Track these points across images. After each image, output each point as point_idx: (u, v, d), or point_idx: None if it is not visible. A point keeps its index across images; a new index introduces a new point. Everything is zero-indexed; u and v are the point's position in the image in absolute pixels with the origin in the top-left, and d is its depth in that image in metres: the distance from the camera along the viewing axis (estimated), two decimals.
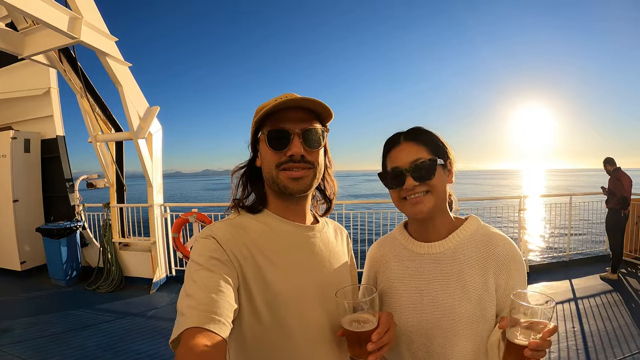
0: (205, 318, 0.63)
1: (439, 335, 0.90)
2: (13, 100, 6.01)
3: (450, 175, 0.97)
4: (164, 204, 5.26)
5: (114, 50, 4.00)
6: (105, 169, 5.28)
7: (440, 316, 0.90)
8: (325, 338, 0.86)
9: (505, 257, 0.91)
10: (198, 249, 0.79)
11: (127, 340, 3.45)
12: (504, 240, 0.94)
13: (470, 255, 0.93)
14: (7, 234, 5.60)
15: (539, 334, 0.67)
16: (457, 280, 0.91)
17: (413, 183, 0.91)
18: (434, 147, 0.94)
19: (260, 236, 0.85)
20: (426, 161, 0.91)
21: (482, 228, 0.98)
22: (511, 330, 0.72)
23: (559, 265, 5.58)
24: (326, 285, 0.88)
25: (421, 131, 0.97)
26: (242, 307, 0.78)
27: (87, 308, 4.33)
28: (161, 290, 4.94)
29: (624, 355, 2.96)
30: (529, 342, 0.67)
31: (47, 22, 2.99)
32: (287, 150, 0.84)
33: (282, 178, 0.85)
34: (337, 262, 0.96)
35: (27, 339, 3.48)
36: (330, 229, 1.02)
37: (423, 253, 0.98)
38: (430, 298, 0.92)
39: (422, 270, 0.96)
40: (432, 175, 0.90)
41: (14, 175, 5.61)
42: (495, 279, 0.90)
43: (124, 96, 4.29)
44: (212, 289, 0.69)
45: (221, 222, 0.88)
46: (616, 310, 3.85)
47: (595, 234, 6.44)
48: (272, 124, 0.85)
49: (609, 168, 5.12)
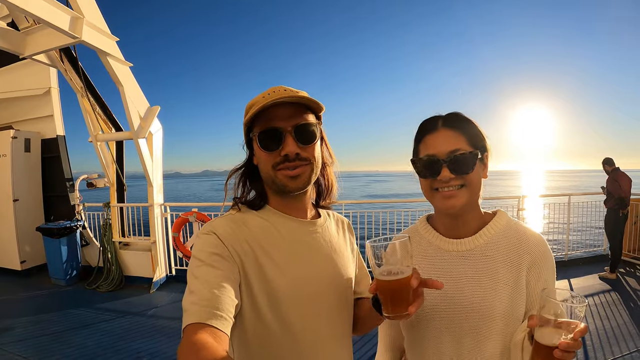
0: (207, 313, 0.63)
1: (468, 335, 0.85)
2: (13, 100, 6.01)
3: (485, 170, 0.91)
4: (164, 204, 5.27)
5: (114, 50, 4.01)
6: (106, 168, 5.29)
7: (471, 315, 0.85)
8: (326, 333, 0.86)
9: (537, 254, 0.87)
10: (199, 245, 0.78)
11: (127, 339, 3.46)
12: (536, 237, 0.89)
13: (502, 251, 0.88)
14: (7, 233, 5.60)
15: (570, 334, 0.63)
16: (489, 277, 0.86)
17: (449, 175, 0.83)
18: (473, 137, 0.87)
19: (262, 232, 0.84)
20: (466, 153, 0.83)
21: (512, 223, 0.92)
22: (540, 329, 0.67)
23: (558, 264, 5.45)
24: (328, 282, 0.87)
25: (461, 118, 0.89)
26: (243, 302, 0.78)
27: (87, 307, 4.33)
28: (161, 289, 4.95)
29: (622, 354, 2.97)
30: (559, 343, 0.63)
31: (49, 22, 3.00)
32: (280, 149, 0.82)
33: (280, 177, 0.83)
34: (340, 256, 0.94)
35: (27, 338, 3.48)
36: (332, 222, 1.00)
37: (452, 250, 0.92)
38: (461, 297, 0.87)
39: (452, 268, 0.90)
40: (470, 170, 0.84)
41: (14, 174, 5.61)
42: (527, 276, 0.86)
43: (124, 96, 4.30)
44: (214, 285, 0.69)
45: (222, 217, 0.87)
46: (614, 310, 3.87)
47: (594, 234, 6.46)
48: (262, 123, 0.82)
49: (607, 168, 5.14)
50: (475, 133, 0.88)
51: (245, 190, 0.93)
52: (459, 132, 0.87)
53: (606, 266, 5.08)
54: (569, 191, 7.71)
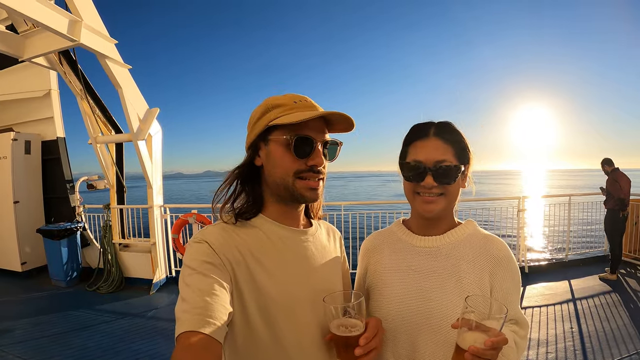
0: (199, 321, 0.63)
1: (426, 331, 0.88)
2: (14, 102, 6.03)
3: (465, 180, 0.97)
4: (163, 205, 5.28)
5: (113, 53, 4.02)
6: (106, 170, 5.30)
7: (431, 311, 0.88)
8: (317, 343, 0.86)
9: (501, 259, 0.91)
10: (191, 254, 0.78)
11: (127, 341, 3.47)
12: (500, 242, 0.95)
13: (467, 252, 0.93)
14: (8, 235, 5.62)
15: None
16: (452, 275, 0.90)
17: (432, 183, 0.89)
18: (460, 151, 0.92)
19: (253, 240, 0.84)
20: (451, 166, 0.89)
21: (479, 230, 0.99)
22: (461, 332, 0.72)
23: (558, 265, 5.58)
24: (319, 290, 0.87)
25: (452, 130, 0.94)
26: (234, 311, 0.77)
27: (87, 309, 4.34)
28: (161, 291, 4.96)
29: (622, 356, 2.96)
30: (469, 347, 0.67)
31: (47, 25, 3.01)
32: (308, 159, 0.82)
33: (299, 187, 0.83)
34: (330, 266, 0.95)
35: (27, 340, 3.49)
36: (323, 232, 1.01)
37: (420, 246, 0.97)
38: (423, 292, 0.91)
39: (417, 263, 0.95)
40: (452, 181, 0.90)
41: (14, 176, 5.63)
42: (490, 279, 0.90)
43: (123, 98, 4.31)
44: (206, 293, 0.68)
45: (214, 226, 0.86)
46: (615, 311, 3.85)
47: (594, 235, 6.44)
48: (296, 129, 0.81)
49: (607, 169, 5.11)
50: (462, 147, 0.93)
51: (242, 193, 0.90)
52: (448, 144, 0.91)
53: (607, 267, 5.06)
54: (570, 191, 7.67)
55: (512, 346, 0.85)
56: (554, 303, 4.12)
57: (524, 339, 0.93)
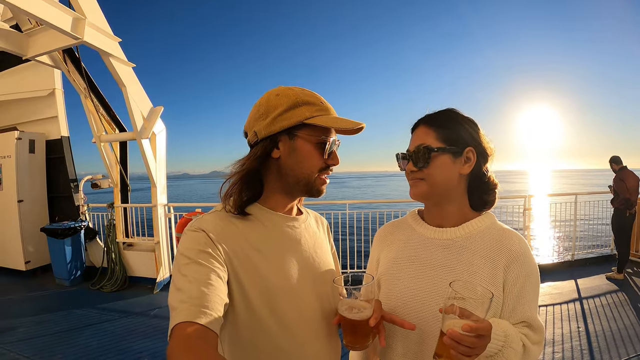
0: (196, 312, 0.63)
1: (436, 325, 0.84)
2: (18, 101, 6.06)
3: (465, 165, 0.90)
4: (167, 204, 5.29)
5: (117, 51, 4.02)
6: (110, 169, 5.31)
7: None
8: (318, 326, 0.87)
9: (517, 254, 0.87)
10: (187, 243, 0.77)
11: (130, 340, 3.46)
12: (517, 237, 0.91)
13: (482, 246, 0.89)
14: (12, 234, 5.64)
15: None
16: (465, 269, 0.87)
17: (411, 168, 0.92)
18: (448, 133, 0.89)
19: (250, 228, 0.84)
20: (421, 148, 0.89)
21: (497, 224, 0.95)
22: (445, 317, 0.72)
23: (565, 265, 5.53)
24: (316, 274, 0.90)
25: (441, 115, 0.93)
26: (235, 300, 0.78)
27: (90, 307, 4.35)
28: (165, 289, 4.96)
29: (629, 356, 2.92)
30: (447, 330, 0.67)
31: (51, 23, 3.01)
32: (329, 158, 0.88)
33: (319, 183, 0.88)
34: (323, 251, 0.98)
35: (31, 338, 3.50)
36: (312, 219, 1.04)
37: (433, 237, 0.95)
38: (434, 284, 0.88)
39: (430, 255, 0.92)
40: (424, 164, 0.89)
41: (18, 175, 5.65)
42: (504, 274, 0.86)
43: (127, 97, 4.31)
44: (203, 283, 0.68)
45: (210, 214, 0.85)
46: (622, 311, 3.81)
47: (601, 234, 6.37)
48: (327, 132, 0.86)
49: (614, 167, 5.07)
50: (452, 128, 0.90)
51: (253, 183, 0.87)
52: (432, 128, 0.91)
53: (613, 266, 5.01)
54: (576, 190, 7.62)
55: (516, 349, 0.80)
56: (561, 302, 4.08)
57: (537, 344, 0.86)
